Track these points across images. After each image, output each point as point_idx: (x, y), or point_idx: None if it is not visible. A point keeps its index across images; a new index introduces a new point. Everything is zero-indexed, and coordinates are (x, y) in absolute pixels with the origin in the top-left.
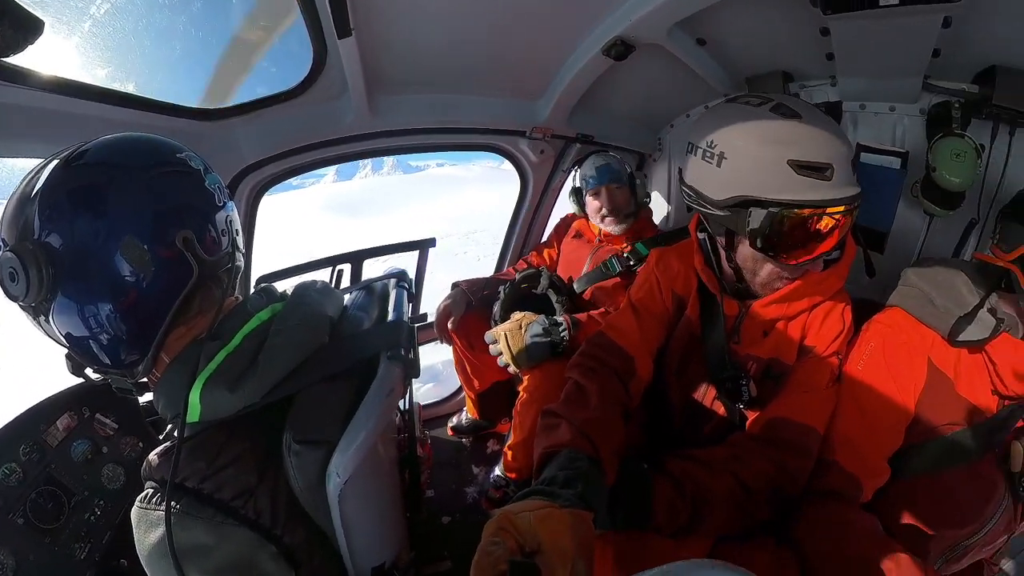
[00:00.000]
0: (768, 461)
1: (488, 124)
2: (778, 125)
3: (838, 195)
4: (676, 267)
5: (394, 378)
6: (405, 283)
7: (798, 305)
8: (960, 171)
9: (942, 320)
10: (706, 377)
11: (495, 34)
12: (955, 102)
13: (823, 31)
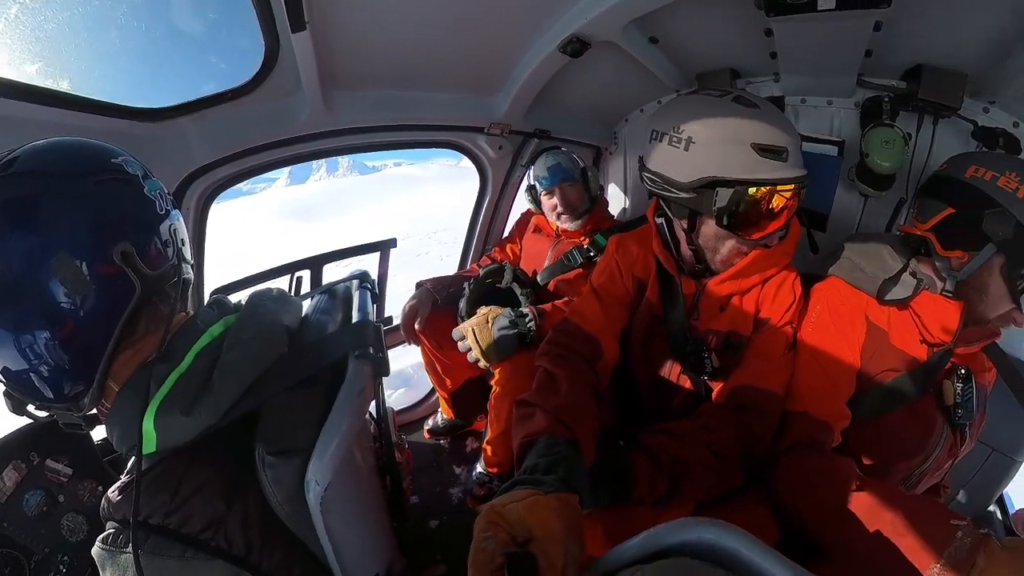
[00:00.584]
0: (735, 426)
1: (446, 120)
2: (741, 113)
3: (792, 174)
4: (635, 251)
5: (364, 378)
6: (368, 284)
7: (750, 280)
8: (890, 157)
9: (872, 283)
10: (670, 354)
11: (453, 29)
12: (885, 96)
13: (767, 32)
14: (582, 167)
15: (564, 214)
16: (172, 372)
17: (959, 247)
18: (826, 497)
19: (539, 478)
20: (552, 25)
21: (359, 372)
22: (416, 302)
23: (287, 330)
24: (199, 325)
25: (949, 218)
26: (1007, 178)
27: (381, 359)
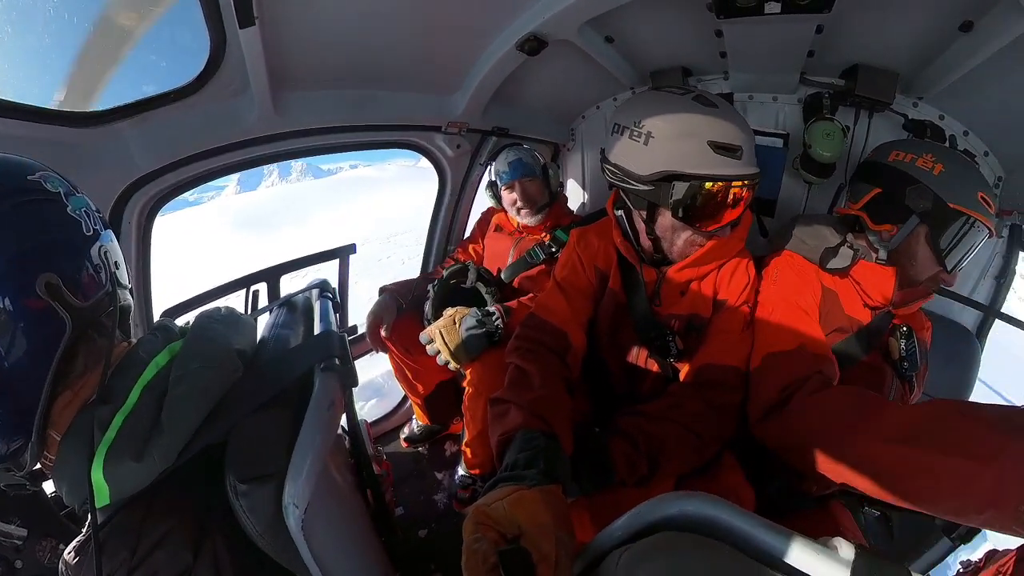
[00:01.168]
0: (703, 402)
1: (403, 120)
2: (699, 112)
3: (745, 171)
4: (596, 244)
5: (332, 391)
6: (329, 293)
7: (706, 267)
8: (831, 147)
9: (815, 253)
10: (636, 340)
11: (409, 27)
12: (826, 93)
13: (717, 32)
14: (543, 163)
15: (524, 208)
16: (117, 414)
17: (887, 221)
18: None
19: (521, 473)
20: (509, 24)
21: (326, 385)
22: (380, 308)
23: (240, 353)
24: (142, 356)
25: (877, 197)
26: (924, 159)
27: (348, 370)
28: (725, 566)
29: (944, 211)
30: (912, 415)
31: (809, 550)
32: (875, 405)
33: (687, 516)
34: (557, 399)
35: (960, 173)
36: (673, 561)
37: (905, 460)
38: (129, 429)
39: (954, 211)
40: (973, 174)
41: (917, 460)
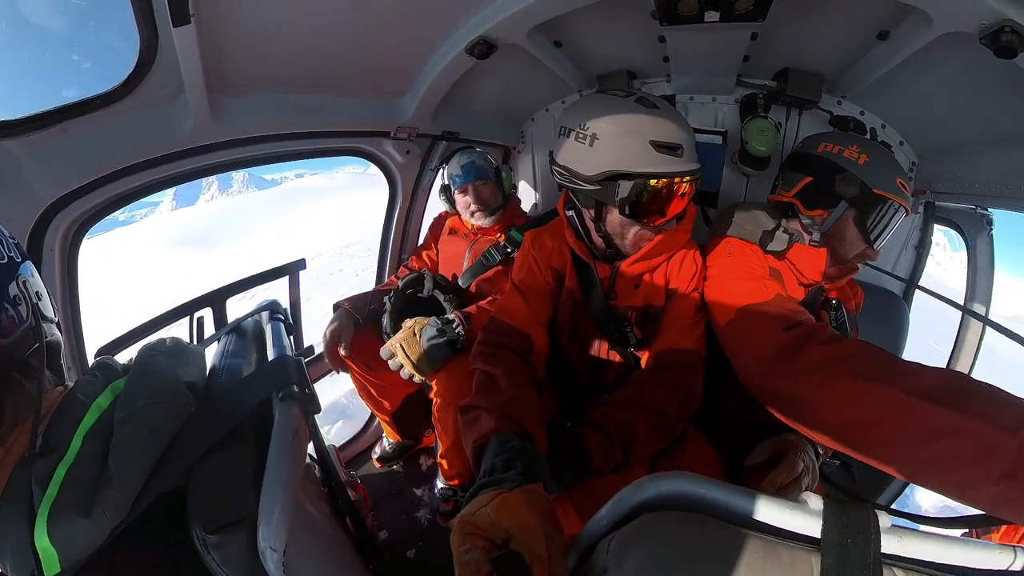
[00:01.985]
0: (665, 385)
1: (350, 126)
2: (641, 113)
3: (686, 168)
4: (550, 244)
5: (294, 420)
6: (280, 314)
7: (657, 259)
8: (765, 142)
9: (755, 237)
10: (596, 333)
11: (357, 28)
12: (760, 94)
13: (660, 38)
14: (495, 166)
15: (478, 211)
16: (58, 466)
17: (819, 206)
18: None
19: (499, 477)
20: (458, 27)
21: (287, 415)
22: (336, 326)
23: (190, 386)
24: (81, 399)
25: (809, 185)
26: (851, 150)
27: (309, 395)
28: (707, 536)
29: (870, 196)
30: (939, 376)
31: (782, 507)
32: (900, 364)
33: (665, 495)
34: (526, 399)
35: (882, 162)
36: (658, 540)
37: (930, 417)
38: (73, 482)
39: (878, 196)
40: (893, 162)
41: (942, 418)
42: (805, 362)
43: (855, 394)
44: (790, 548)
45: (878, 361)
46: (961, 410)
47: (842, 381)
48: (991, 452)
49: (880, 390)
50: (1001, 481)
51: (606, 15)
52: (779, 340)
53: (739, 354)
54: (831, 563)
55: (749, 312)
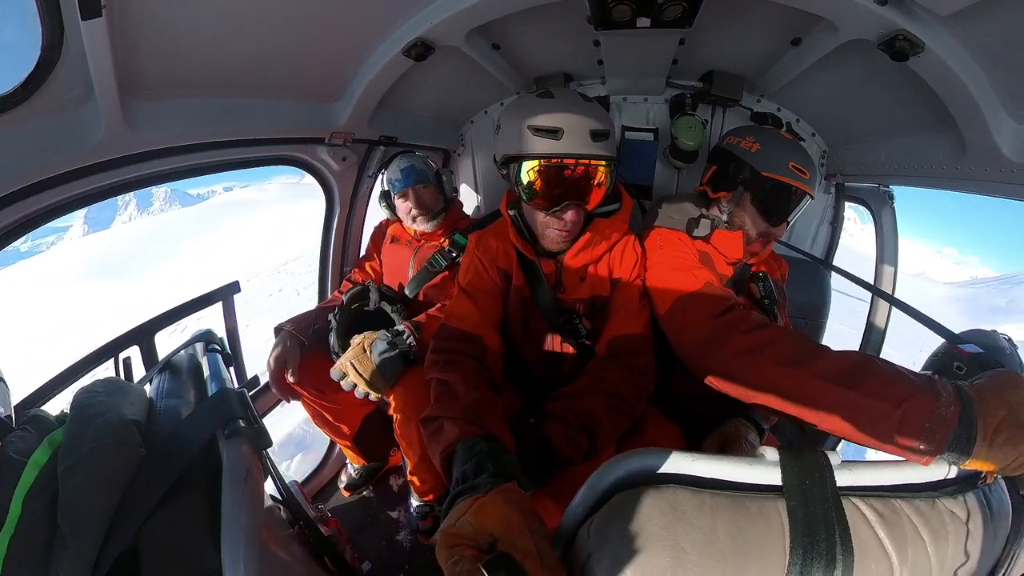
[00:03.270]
0: (619, 369)
1: (281, 132)
2: (533, 103)
3: (563, 151)
4: (495, 245)
5: (244, 458)
6: (215, 344)
7: (599, 250)
8: (693, 137)
9: (681, 225)
10: (547, 328)
11: (287, 27)
12: (688, 94)
13: (595, 42)
14: (435, 169)
15: (420, 216)
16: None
17: (722, 190)
18: None
19: (473, 483)
20: (395, 29)
21: (236, 453)
22: (280, 351)
23: (136, 425)
24: (15, 458)
25: (715, 173)
26: (747, 141)
27: (257, 429)
28: (679, 503)
29: (759, 179)
30: (842, 361)
31: (743, 464)
32: (813, 348)
33: (633, 473)
34: (486, 401)
35: (773, 149)
36: (633, 515)
37: (836, 397)
38: (19, 552)
39: (767, 178)
40: (786, 149)
41: (844, 397)
42: (732, 347)
43: (775, 377)
44: (756, 499)
45: (795, 347)
46: (859, 389)
47: (764, 366)
48: (881, 421)
49: (795, 374)
50: (888, 442)
51: (543, 19)
52: (708, 327)
53: (676, 339)
54: (795, 504)
55: (682, 301)
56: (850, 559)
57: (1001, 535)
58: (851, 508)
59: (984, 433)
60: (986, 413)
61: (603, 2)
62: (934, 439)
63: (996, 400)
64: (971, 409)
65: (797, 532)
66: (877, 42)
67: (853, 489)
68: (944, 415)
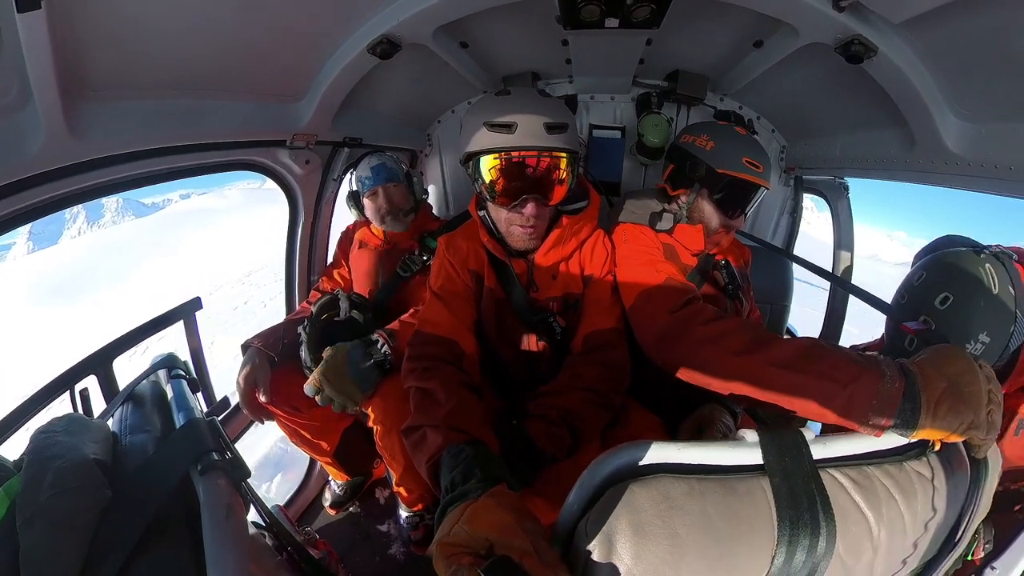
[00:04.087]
0: (596, 364)
1: (240, 135)
2: (490, 101)
3: (517, 144)
4: (465, 247)
5: (222, 493)
6: (179, 370)
7: (569, 247)
8: (659, 135)
9: (644, 219)
10: (522, 328)
11: (245, 22)
12: (653, 92)
13: (563, 42)
14: (405, 170)
15: (389, 215)
16: None
17: (681, 187)
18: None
19: (463, 489)
20: (360, 25)
21: (213, 489)
22: (250, 369)
23: (100, 465)
24: None
25: (673, 170)
26: (702, 139)
27: (232, 461)
28: (670, 492)
29: (714, 175)
30: (792, 348)
31: (725, 447)
32: (765, 337)
33: (623, 467)
34: (468, 406)
35: (727, 145)
36: (629, 508)
37: (789, 381)
38: None
39: (721, 175)
40: (739, 145)
41: (796, 381)
42: (688, 341)
43: (731, 367)
44: (742, 479)
45: (747, 337)
46: (809, 373)
47: (720, 357)
48: (831, 400)
49: (750, 362)
50: (840, 419)
51: (512, 18)
52: (665, 322)
53: (638, 334)
54: (778, 481)
55: (643, 296)
56: (832, 525)
57: (962, 488)
58: (828, 478)
59: (927, 406)
60: (928, 387)
61: (572, 2)
62: (882, 414)
63: (937, 374)
64: (915, 385)
65: (782, 506)
66: (834, 46)
67: (828, 461)
68: (890, 392)
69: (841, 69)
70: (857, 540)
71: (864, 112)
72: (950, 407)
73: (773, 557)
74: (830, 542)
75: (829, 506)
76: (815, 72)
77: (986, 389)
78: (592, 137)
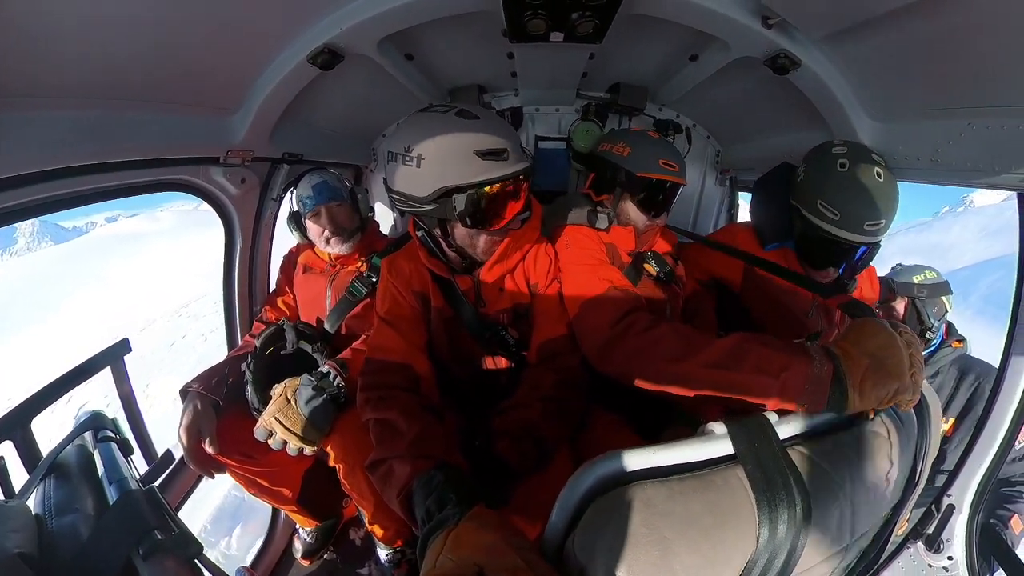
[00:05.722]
0: (552, 371)
1: (168, 152)
2: (462, 127)
3: (514, 169)
4: (407, 268)
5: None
6: (108, 430)
7: (513, 259)
8: (587, 140)
9: (583, 219)
10: (476, 345)
11: (173, 26)
12: (592, 103)
13: (509, 55)
14: (349, 187)
15: (334, 237)
16: None
17: (604, 193)
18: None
19: (440, 518)
20: (301, 33)
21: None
22: (192, 418)
23: (24, 558)
24: None
25: (595, 178)
26: (619, 147)
27: (179, 537)
28: (652, 497)
29: (633, 179)
30: (723, 347)
31: (696, 444)
32: (697, 340)
33: (602, 480)
34: (431, 431)
35: (643, 150)
36: (614, 520)
37: (722, 379)
38: None
39: (640, 178)
40: (654, 148)
41: (730, 378)
42: (626, 351)
43: (669, 372)
44: (718, 471)
45: (679, 343)
46: (741, 369)
47: (656, 364)
48: (766, 391)
49: (685, 366)
50: (778, 406)
51: (458, 30)
52: (606, 335)
53: (581, 344)
54: (752, 467)
55: (585, 307)
56: (807, 496)
57: (912, 440)
58: (796, 454)
59: (853, 385)
60: (851, 369)
61: (519, 15)
62: (815, 397)
63: (858, 352)
64: (840, 368)
65: (759, 489)
66: (763, 59)
67: (793, 438)
68: (820, 375)
69: (769, 80)
70: (831, 504)
71: (790, 117)
72: (874, 383)
73: (758, 536)
74: (807, 511)
75: (802, 479)
76: (745, 83)
77: (907, 355)
78: (538, 148)
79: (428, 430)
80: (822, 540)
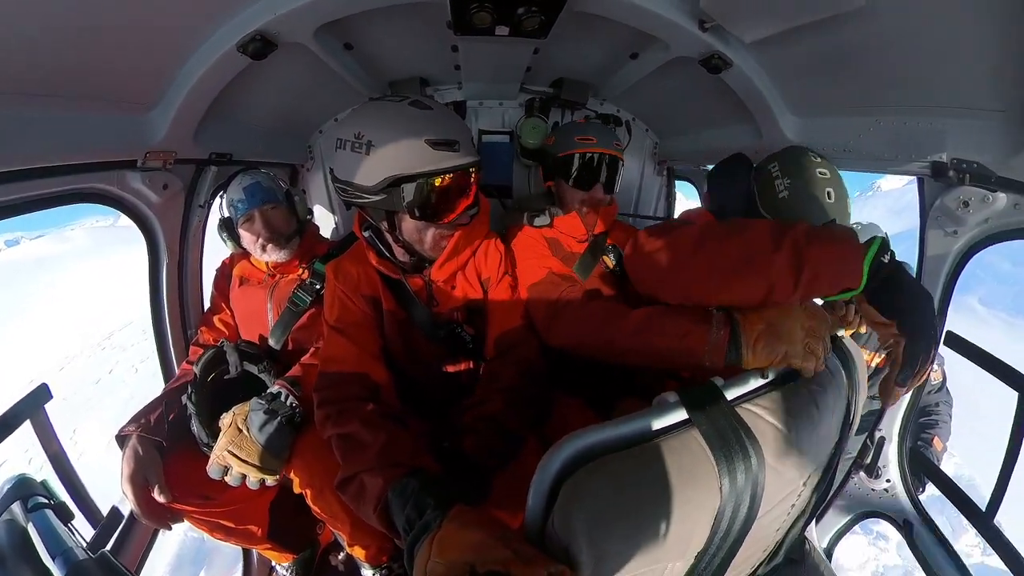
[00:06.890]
0: (511, 363)
1: (75, 156)
2: (415, 116)
3: (465, 161)
4: (355, 272)
5: None
6: (39, 496)
7: (463, 256)
8: (535, 136)
9: (522, 219)
10: (432, 345)
11: (81, 7)
12: (537, 98)
13: (453, 47)
14: (285, 188)
15: (270, 243)
16: None
17: (548, 180)
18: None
19: (421, 524)
20: (230, 18)
21: None
22: (134, 467)
23: None
24: None
25: (544, 168)
26: (550, 139)
27: None
28: (619, 469)
29: (559, 160)
30: (638, 317)
31: (653, 414)
32: (619, 312)
33: (568, 461)
34: (397, 438)
35: (563, 135)
36: (588, 496)
37: (641, 344)
38: None
39: (561, 157)
40: (571, 129)
41: (647, 343)
42: (563, 323)
43: (596, 341)
44: (676, 436)
45: (603, 315)
46: (652, 332)
47: (586, 337)
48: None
49: (611, 334)
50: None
51: (401, 20)
52: (546, 312)
53: (536, 325)
54: (706, 428)
55: (532, 291)
56: (757, 445)
57: (843, 388)
58: (744, 412)
59: (747, 346)
60: (747, 330)
61: (464, 7)
62: (715, 356)
63: (756, 318)
64: (737, 330)
65: (715, 447)
66: (698, 59)
67: (740, 398)
68: (717, 339)
69: (703, 78)
70: (780, 451)
71: (722, 112)
72: (765, 343)
73: (721, 488)
74: (760, 459)
75: (751, 433)
76: (682, 80)
77: (804, 326)
78: (482, 142)
79: (394, 438)
80: (778, 482)
